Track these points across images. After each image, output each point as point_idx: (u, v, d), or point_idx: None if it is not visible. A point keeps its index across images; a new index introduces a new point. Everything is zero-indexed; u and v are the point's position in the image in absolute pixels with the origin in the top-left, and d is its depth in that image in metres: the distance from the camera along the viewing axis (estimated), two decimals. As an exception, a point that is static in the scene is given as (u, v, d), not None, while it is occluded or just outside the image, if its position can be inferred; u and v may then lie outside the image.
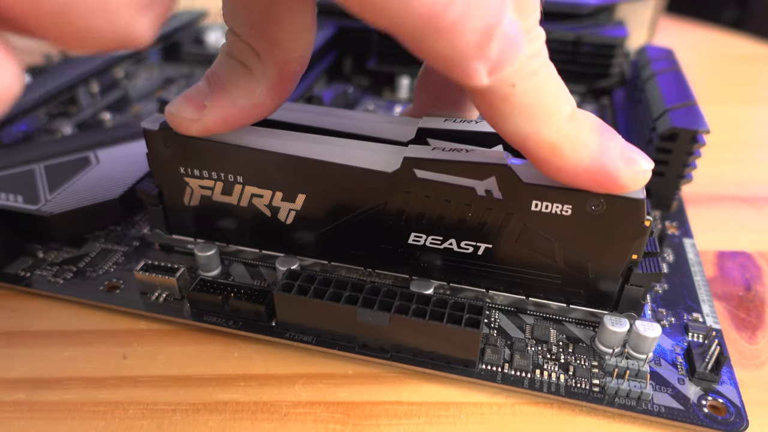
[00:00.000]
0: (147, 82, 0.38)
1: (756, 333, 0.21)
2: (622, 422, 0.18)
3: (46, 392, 0.19)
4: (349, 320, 0.19)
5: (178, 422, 0.18)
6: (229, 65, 0.18)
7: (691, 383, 0.18)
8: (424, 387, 0.19)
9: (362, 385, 0.19)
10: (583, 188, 0.17)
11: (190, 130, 0.18)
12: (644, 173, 0.16)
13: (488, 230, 0.19)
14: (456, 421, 0.18)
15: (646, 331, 0.18)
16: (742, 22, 0.91)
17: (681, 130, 0.24)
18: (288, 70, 0.18)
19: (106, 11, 0.10)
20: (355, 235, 0.21)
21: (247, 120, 0.18)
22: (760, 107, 0.41)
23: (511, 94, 0.15)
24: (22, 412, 0.18)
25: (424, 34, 0.12)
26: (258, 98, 0.18)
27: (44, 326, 0.21)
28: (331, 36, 0.37)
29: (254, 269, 0.22)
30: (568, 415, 0.18)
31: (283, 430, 0.18)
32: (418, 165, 0.18)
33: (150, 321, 0.21)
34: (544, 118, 0.15)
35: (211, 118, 0.18)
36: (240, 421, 0.18)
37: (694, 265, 0.23)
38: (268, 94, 0.18)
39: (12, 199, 0.23)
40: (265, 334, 0.20)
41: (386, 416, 0.18)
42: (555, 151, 0.16)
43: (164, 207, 0.22)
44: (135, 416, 0.18)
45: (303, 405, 0.18)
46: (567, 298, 0.20)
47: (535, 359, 0.19)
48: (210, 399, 0.19)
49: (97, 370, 0.19)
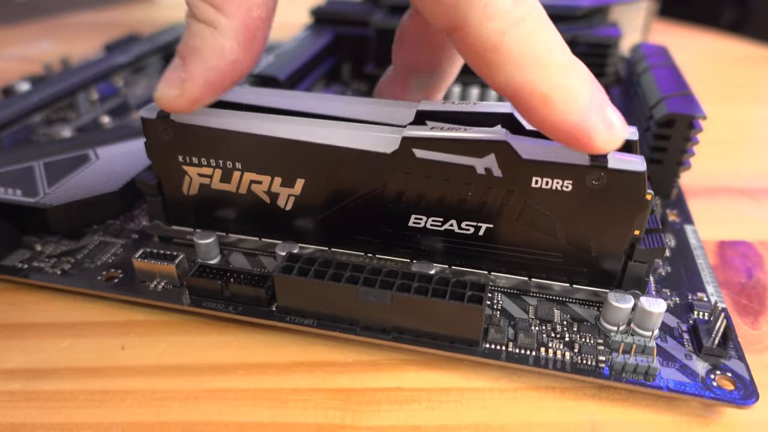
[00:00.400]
0: (146, 90, 0.38)
1: (758, 318, 0.21)
2: (626, 405, 0.18)
3: (43, 382, 0.18)
4: (351, 301, 0.18)
5: (177, 410, 0.18)
6: (194, 30, 0.17)
7: (698, 359, 0.18)
8: (424, 373, 0.19)
9: (362, 372, 0.19)
10: (560, 141, 0.16)
11: (178, 106, 0.18)
12: (619, 139, 0.16)
13: (489, 209, 0.19)
14: (457, 406, 0.18)
15: (651, 306, 0.18)
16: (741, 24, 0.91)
17: (678, 115, 0.24)
18: (252, 18, 0.17)
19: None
20: (354, 219, 0.21)
21: (229, 80, 0.18)
22: (757, 106, 0.41)
23: (501, 43, 0.15)
24: (18, 401, 0.18)
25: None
26: (230, 55, 0.17)
27: (41, 318, 0.21)
28: (328, 42, 0.37)
29: (254, 258, 0.22)
30: (571, 400, 0.18)
31: (282, 416, 0.17)
32: (417, 144, 0.18)
33: (148, 312, 0.21)
34: (536, 67, 0.15)
35: (192, 88, 0.18)
36: (239, 408, 0.18)
37: (696, 249, 0.23)
38: (239, 49, 0.17)
39: (11, 193, 0.23)
40: (265, 319, 0.19)
41: (387, 402, 0.18)
42: (547, 102, 0.16)
43: (163, 197, 0.22)
44: (133, 404, 0.18)
45: (303, 392, 0.18)
46: (570, 278, 0.20)
47: (539, 338, 0.19)
48: (209, 387, 0.18)
49: (95, 360, 0.19)
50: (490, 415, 0.17)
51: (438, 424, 0.17)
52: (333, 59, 0.38)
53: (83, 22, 0.60)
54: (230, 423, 0.17)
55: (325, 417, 0.17)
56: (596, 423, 0.17)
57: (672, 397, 0.17)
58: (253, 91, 0.22)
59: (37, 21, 0.60)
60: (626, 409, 0.17)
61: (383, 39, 0.35)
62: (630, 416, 0.17)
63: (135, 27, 0.50)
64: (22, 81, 0.38)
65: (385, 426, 0.17)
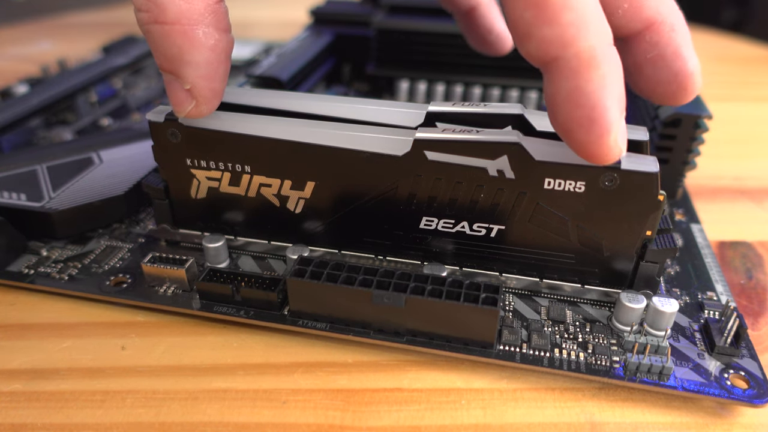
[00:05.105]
0: (146, 92, 0.38)
1: (759, 320, 0.21)
2: (625, 405, 0.18)
3: (44, 382, 0.18)
4: (364, 304, 0.18)
5: (177, 410, 0.17)
6: (160, 37, 0.17)
7: (711, 358, 0.18)
8: (424, 374, 0.19)
9: (362, 373, 0.19)
10: (559, 119, 0.15)
11: (204, 110, 0.18)
12: (619, 151, 0.15)
13: (501, 211, 0.19)
14: (457, 407, 0.18)
15: (663, 306, 0.18)
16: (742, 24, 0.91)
17: (684, 115, 0.24)
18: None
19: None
20: (365, 221, 0.20)
21: (223, 65, 0.18)
22: (757, 106, 0.41)
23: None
24: (18, 401, 0.18)
25: None
26: (209, 40, 0.17)
27: (42, 319, 0.21)
28: (329, 43, 0.37)
29: (263, 262, 0.22)
30: (571, 400, 0.18)
31: (282, 417, 0.17)
32: (429, 147, 0.18)
33: (148, 313, 0.21)
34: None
35: (200, 89, 0.18)
36: (239, 409, 0.18)
37: (703, 248, 0.23)
38: (212, 31, 0.17)
39: (15, 198, 0.23)
40: (278, 323, 0.19)
41: (386, 403, 0.18)
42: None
43: (170, 201, 0.22)
44: (133, 405, 0.18)
45: (302, 392, 0.18)
46: (581, 279, 0.20)
47: (552, 339, 0.19)
48: (209, 387, 0.18)
49: (96, 360, 0.19)
50: (490, 416, 0.17)
51: (438, 425, 0.17)
52: (333, 60, 0.38)
53: (83, 22, 0.60)
54: (230, 423, 0.17)
55: (325, 417, 0.17)
56: (596, 423, 0.17)
57: (686, 397, 0.17)
58: (258, 93, 0.22)
59: (36, 21, 0.59)
60: (626, 409, 0.17)
61: (383, 39, 0.35)
62: (630, 416, 0.17)
63: (134, 27, 0.50)
64: (19, 84, 0.37)
65: (384, 426, 0.17)
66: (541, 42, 0.15)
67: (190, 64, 0.17)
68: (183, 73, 0.18)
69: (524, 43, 0.16)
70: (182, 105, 0.18)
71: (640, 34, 0.17)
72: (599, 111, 0.15)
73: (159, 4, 0.17)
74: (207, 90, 0.18)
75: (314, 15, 0.39)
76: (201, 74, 0.18)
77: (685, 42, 0.17)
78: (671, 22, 0.17)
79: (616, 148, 0.15)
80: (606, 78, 0.15)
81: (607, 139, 0.15)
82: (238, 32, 0.22)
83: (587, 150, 0.15)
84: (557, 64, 0.15)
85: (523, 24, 0.15)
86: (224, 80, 0.19)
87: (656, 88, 0.18)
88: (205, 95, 0.18)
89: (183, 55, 0.17)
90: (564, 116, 0.15)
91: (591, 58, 0.15)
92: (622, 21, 0.17)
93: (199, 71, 0.18)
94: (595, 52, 0.15)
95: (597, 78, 0.15)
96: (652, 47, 0.17)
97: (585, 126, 0.15)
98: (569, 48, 0.15)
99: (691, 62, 0.17)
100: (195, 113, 0.18)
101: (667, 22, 0.17)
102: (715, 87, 0.44)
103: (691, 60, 0.17)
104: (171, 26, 0.17)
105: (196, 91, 0.18)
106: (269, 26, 0.60)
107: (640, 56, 0.18)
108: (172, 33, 0.17)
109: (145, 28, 0.17)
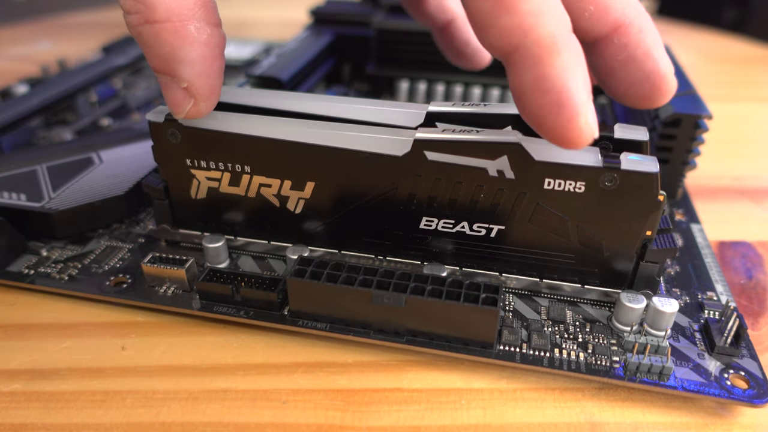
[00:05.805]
0: (146, 92, 0.38)
1: (758, 320, 0.21)
2: (625, 405, 0.18)
3: (44, 382, 0.18)
4: (364, 304, 0.18)
5: (177, 410, 0.17)
6: (151, 37, 0.17)
7: (711, 358, 0.18)
8: (424, 374, 0.19)
9: (362, 373, 0.19)
10: (528, 109, 0.15)
11: (203, 109, 0.18)
12: (591, 132, 0.15)
13: (501, 211, 0.19)
14: (457, 407, 0.18)
15: (663, 306, 0.18)
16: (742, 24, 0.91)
17: (684, 115, 0.24)
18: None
19: None
20: (365, 222, 0.20)
21: (218, 61, 0.18)
22: (758, 104, 0.41)
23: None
24: (18, 401, 0.18)
25: None
26: (201, 36, 0.17)
27: (42, 319, 0.21)
28: (329, 43, 0.37)
29: (263, 262, 0.22)
30: (570, 400, 0.18)
31: (282, 417, 0.17)
32: (429, 147, 0.18)
33: (148, 313, 0.21)
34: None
35: (197, 87, 0.18)
36: (239, 409, 0.18)
37: (703, 248, 0.23)
38: (204, 26, 0.17)
39: (15, 198, 0.23)
40: (278, 323, 0.19)
41: (386, 403, 0.18)
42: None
43: (170, 201, 0.22)
44: (133, 405, 0.18)
45: (302, 392, 0.18)
46: (581, 279, 0.20)
47: (552, 339, 0.19)
48: (209, 387, 0.18)
49: (95, 360, 0.19)
50: (490, 416, 0.17)
51: (438, 425, 0.17)
52: (333, 60, 0.38)
53: (83, 22, 0.60)
54: (230, 423, 0.17)
55: (325, 417, 0.17)
56: (596, 423, 0.17)
57: (686, 397, 0.17)
58: (258, 94, 0.22)
59: (36, 21, 0.59)
60: (626, 409, 0.17)
61: (383, 39, 0.35)
62: (630, 416, 0.17)
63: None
64: (19, 84, 0.37)
65: (384, 426, 0.17)
66: (500, 31, 0.15)
67: (185, 61, 0.17)
68: (178, 71, 0.17)
69: (485, 34, 0.16)
70: (181, 105, 0.18)
71: (608, 36, 0.17)
72: (566, 95, 0.15)
73: (148, 4, 0.17)
74: (204, 87, 0.18)
75: (314, 15, 0.39)
76: (196, 71, 0.17)
77: (655, 44, 0.17)
78: (639, 24, 0.17)
79: (588, 130, 0.15)
80: (568, 62, 0.15)
81: (578, 121, 0.15)
82: (238, 32, 0.22)
83: (560, 135, 0.15)
84: (519, 53, 0.15)
85: (483, 15, 0.15)
86: (220, 77, 0.18)
87: (630, 90, 0.18)
88: (202, 92, 0.18)
89: (176, 52, 0.17)
90: (532, 105, 0.15)
91: (552, 45, 0.15)
92: (588, 24, 0.17)
93: (195, 68, 0.17)
94: (555, 38, 0.15)
95: (560, 63, 0.15)
96: (621, 49, 0.17)
97: (554, 111, 0.15)
98: (529, 35, 0.15)
99: (662, 63, 0.17)
100: (194, 112, 0.18)
101: (635, 24, 0.17)
102: (715, 87, 0.44)
103: (663, 60, 0.17)
104: (162, 24, 0.17)
105: (194, 88, 0.18)
106: (269, 26, 0.60)
107: (610, 59, 0.17)
108: (163, 31, 0.17)
109: (135, 31, 0.17)
